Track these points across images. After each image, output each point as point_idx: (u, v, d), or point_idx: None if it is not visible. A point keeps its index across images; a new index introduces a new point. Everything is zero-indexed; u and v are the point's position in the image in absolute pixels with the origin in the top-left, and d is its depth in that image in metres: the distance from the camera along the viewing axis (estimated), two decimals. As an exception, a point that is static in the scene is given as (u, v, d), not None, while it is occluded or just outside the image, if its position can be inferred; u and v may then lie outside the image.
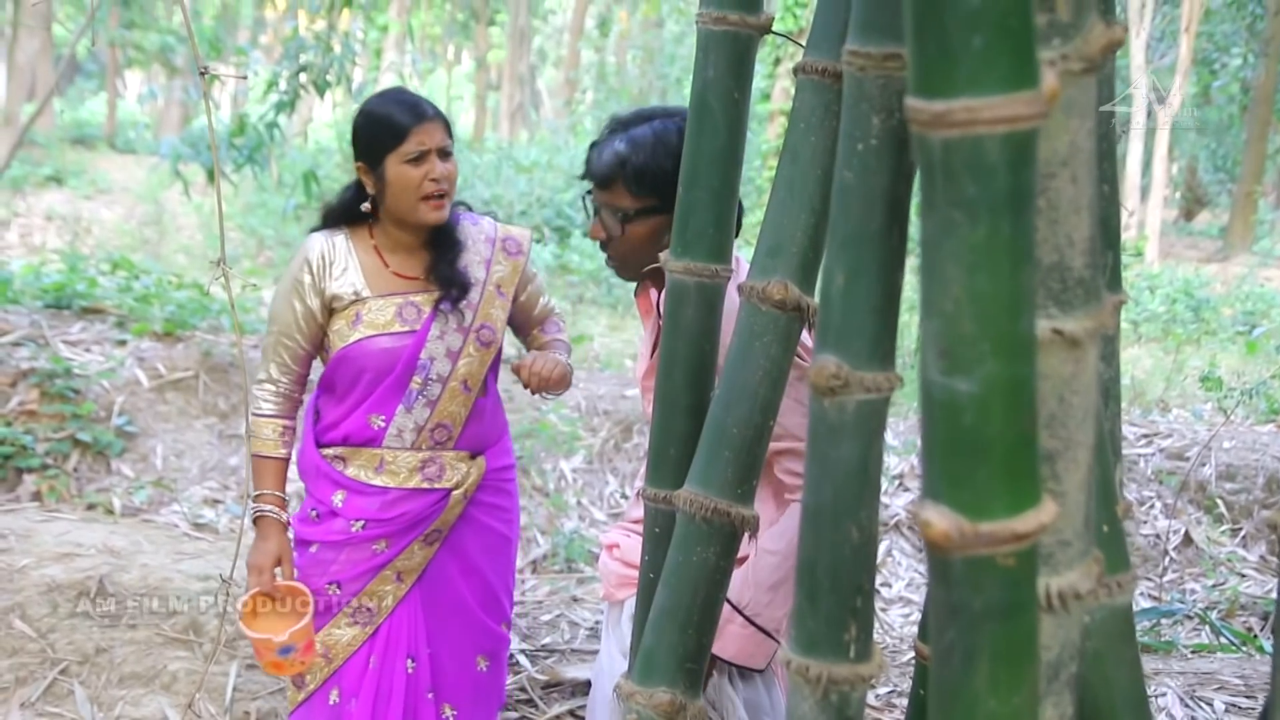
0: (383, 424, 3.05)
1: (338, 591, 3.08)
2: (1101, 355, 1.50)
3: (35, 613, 4.19)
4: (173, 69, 26.00)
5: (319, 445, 3.13)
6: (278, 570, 3.04)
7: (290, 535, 3.14)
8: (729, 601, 2.33)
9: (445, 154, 2.99)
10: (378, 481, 3.06)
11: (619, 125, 2.69)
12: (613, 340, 11.05)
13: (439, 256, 3.08)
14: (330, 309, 3.04)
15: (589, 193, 2.75)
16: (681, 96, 21.77)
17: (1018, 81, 0.98)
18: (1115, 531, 1.50)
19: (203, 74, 1.87)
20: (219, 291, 7.50)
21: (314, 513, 3.13)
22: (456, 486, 3.11)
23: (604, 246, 2.74)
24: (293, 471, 3.18)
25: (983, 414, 1.02)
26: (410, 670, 3.12)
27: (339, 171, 17.56)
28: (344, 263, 3.04)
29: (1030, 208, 1.02)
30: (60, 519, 5.12)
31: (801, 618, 1.47)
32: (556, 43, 36.18)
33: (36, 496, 5.79)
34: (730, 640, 2.53)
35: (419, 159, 2.94)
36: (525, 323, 3.32)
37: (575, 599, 5.16)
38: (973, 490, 1.04)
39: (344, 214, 3.10)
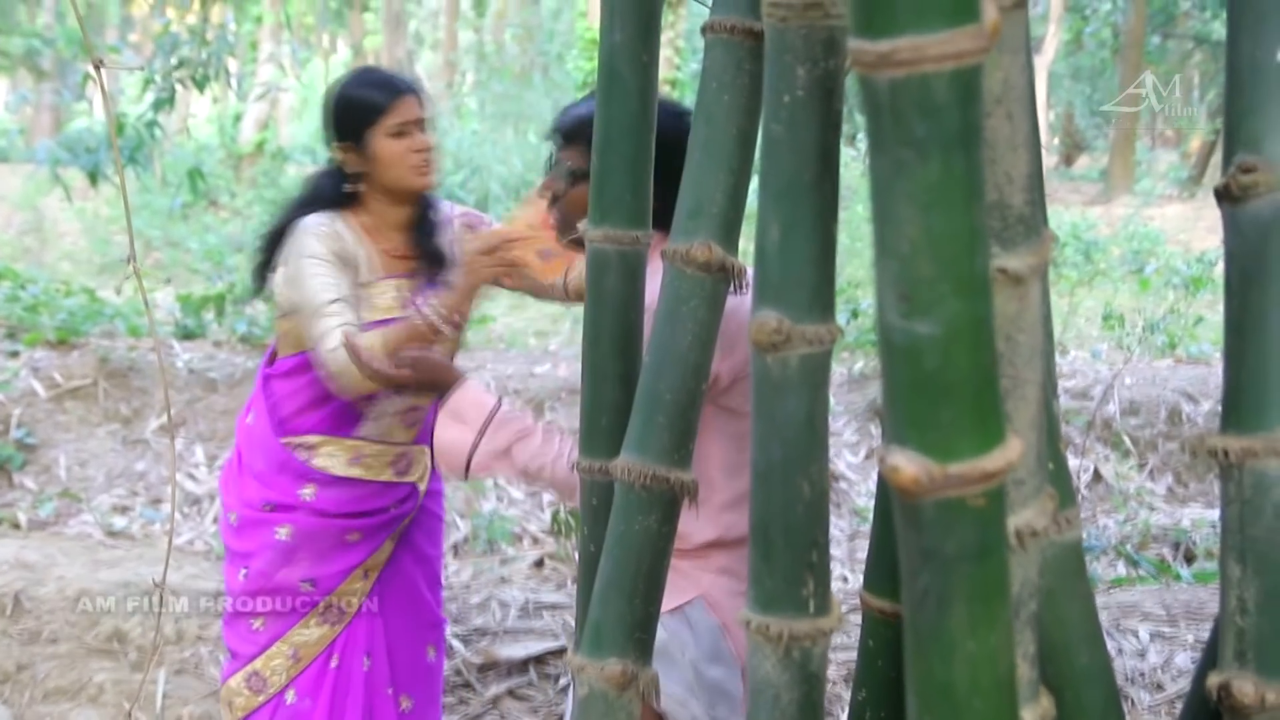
0: (365, 408, 2.97)
1: (311, 589, 2.99)
2: (1036, 293, 1.50)
3: (-51, 635, 4.08)
4: (40, 73, 25.33)
5: (280, 435, 3.00)
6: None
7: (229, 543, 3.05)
8: None
9: (424, 125, 2.95)
10: (354, 473, 2.98)
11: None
12: (515, 320, 10.98)
13: (424, 233, 3.02)
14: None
15: (554, 153, 2.71)
16: (563, 72, 21.64)
17: (961, 16, 0.97)
18: (1061, 467, 1.51)
19: (97, 67, 1.81)
20: (112, 296, 7.34)
21: (268, 506, 2.99)
22: (420, 479, 3.07)
23: (552, 204, 2.70)
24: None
25: (946, 355, 1.01)
26: (366, 667, 3.05)
27: (222, 168, 17.25)
28: (350, 244, 2.93)
29: (979, 144, 1.01)
30: (-35, 538, 4.98)
31: (758, 577, 1.46)
32: (433, 25, 35.75)
33: (-64, 517, 5.64)
34: None
35: (401, 133, 2.90)
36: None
37: (503, 579, 5.13)
38: (939, 432, 1.03)
39: (327, 199, 2.99)
